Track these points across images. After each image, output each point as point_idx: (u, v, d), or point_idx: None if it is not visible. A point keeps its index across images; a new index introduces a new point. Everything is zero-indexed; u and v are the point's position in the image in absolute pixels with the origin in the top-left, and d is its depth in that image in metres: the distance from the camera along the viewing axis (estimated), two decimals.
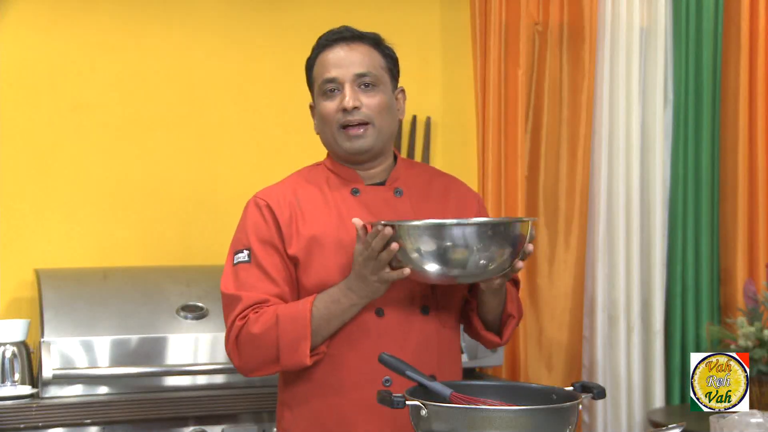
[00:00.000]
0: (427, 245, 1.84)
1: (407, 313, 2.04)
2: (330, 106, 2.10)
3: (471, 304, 2.15)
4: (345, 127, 2.08)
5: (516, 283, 2.25)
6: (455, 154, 3.74)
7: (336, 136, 2.10)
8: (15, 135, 3.25)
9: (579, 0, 3.73)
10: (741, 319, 3.43)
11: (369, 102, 2.07)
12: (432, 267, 1.85)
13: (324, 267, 2.03)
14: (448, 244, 1.83)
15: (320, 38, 2.18)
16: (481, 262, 1.85)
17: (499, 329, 2.15)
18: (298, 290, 2.06)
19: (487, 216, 2.26)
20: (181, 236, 3.40)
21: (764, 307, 3.49)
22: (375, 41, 2.15)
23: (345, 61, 2.09)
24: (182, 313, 2.97)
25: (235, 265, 2.08)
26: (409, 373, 1.80)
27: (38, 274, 3.01)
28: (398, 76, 2.18)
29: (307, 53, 3.88)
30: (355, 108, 2.06)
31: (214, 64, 3.47)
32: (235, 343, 2.02)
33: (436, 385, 1.77)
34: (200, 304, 3.01)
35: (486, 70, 3.63)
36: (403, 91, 2.19)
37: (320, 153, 3.82)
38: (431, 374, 1.93)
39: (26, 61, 3.27)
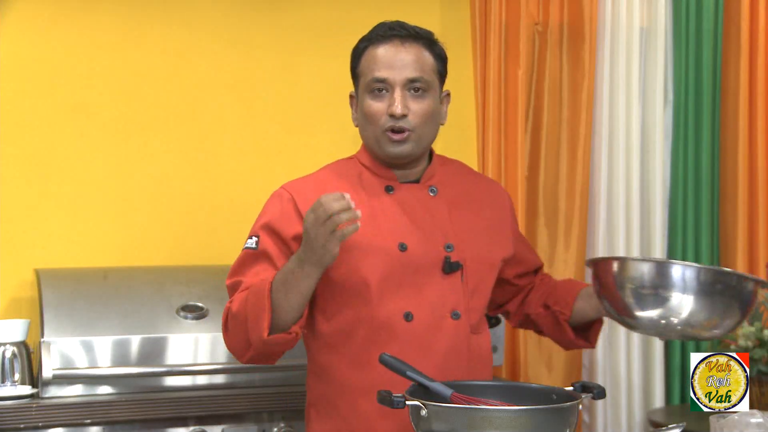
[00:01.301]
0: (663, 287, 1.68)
1: (437, 318, 2.01)
2: (377, 107, 2.07)
3: (562, 312, 2.16)
4: (390, 130, 2.05)
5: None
6: (455, 154, 3.71)
7: (379, 139, 2.07)
8: (15, 135, 3.25)
9: (579, 0, 3.73)
10: None
11: (417, 108, 2.04)
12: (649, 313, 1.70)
13: (350, 263, 2.00)
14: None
15: (373, 30, 2.14)
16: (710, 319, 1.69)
17: (587, 335, 2.16)
18: (328, 283, 2.02)
19: (515, 220, 2.28)
20: (181, 236, 3.40)
21: (764, 307, 3.49)
22: (429, 41, 2.11)
23: (397, 62, 2.05)
24: (182, 313, 2.97)
25: (243, 250, 2.08)
26: (409, 373, 1.80)
27: (38, 274, 3.01)
28: (446, 77, 2.15)
29: (307, 53, 3.87)
30: (403, 115, 2.03)
31: (214, 64, 3.47)
32: (225, 326, 2.01)
33: (437, 385, 1.77)
34: (200, 304, 3.01)
35: (486, 70, 3.63)
36: (448, 95, 2.16)
37: (321, 153, 3.83)
38: (461, 380, 1.91)
39: (26, 61, 3.27)
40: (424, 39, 2.10)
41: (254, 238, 2.07)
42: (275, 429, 2.94)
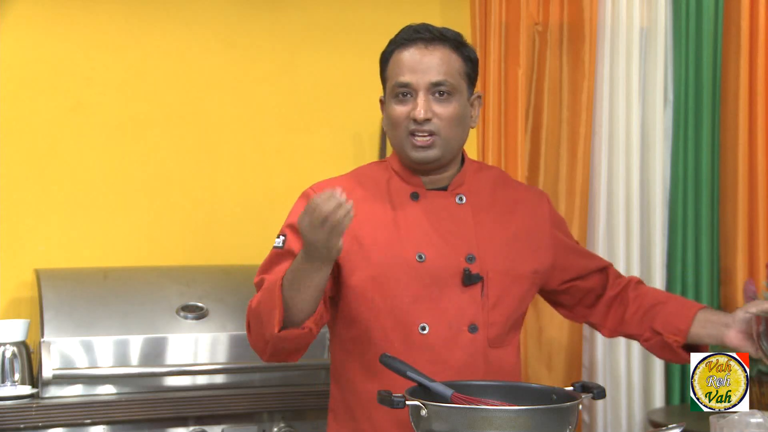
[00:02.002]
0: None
1: (453, 331, 1.99)
2: (401, 111, 2.02)
3: (677, 341, 2.12)
4: (413, 134, 2.01)
5: (617, 274, 2.27)
6: None
7: (403, 143, 2.03)
8: (15, 135, 3.25)
9: (579, 0, 3.73)
10: None
11: (441, 112, 2.00)
12: None
13: (368, 271, 1.99)
14: None
15: (398, 34, 2.09)
16: None
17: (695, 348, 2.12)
18: (346, 288, 2.01)
19: (557, 227, 2.22)
20: (181, 236, 3.40)
21: None
22: (456, 43, 2.06)
23: (421, 66, 2.00)
24: (182, 313, 2.97)
25: (272, 249, 2.06)
26: (409, 373, 1.80)
27: (38, 274, 3.01)
28: (476, 80, 2.10)
29: (307, 53, 3.87)
30: (426, 119, 1.99)
31: (214, 64, 3.47)
32: (248, 326, 2.00)
33: (438, 386, 1.77)
34: (200, 304, 3.01)
35: (486, 70, 3.63)
36: (479, 97, 2.11)
37: (321, 153, 3.83)
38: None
39: (26, 61, 3.27)
40: (451, 41, 2.04)
41: (281, 237, 2.05)
42: (275, 429, 2.94)
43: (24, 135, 3.26)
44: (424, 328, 1.98)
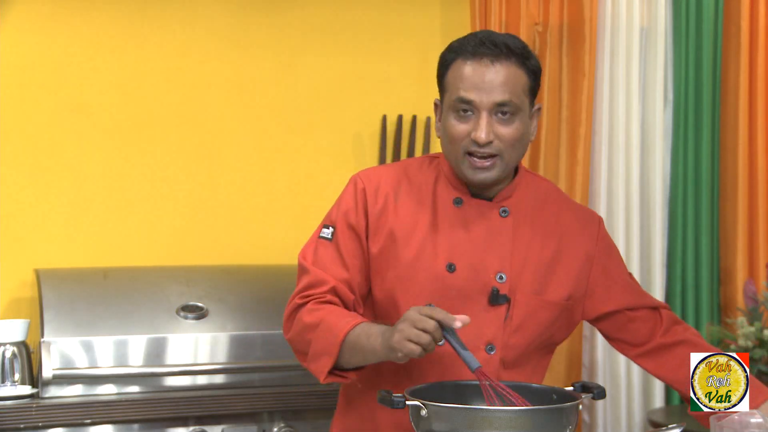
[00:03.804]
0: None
1: (470, 348, 1.86)
2: (461, 129, 1.92)
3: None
4: (471, 154, 1.92)
5: (671, 317, 2.11)
6: None
7: (459, 161, 1.94)
8: (15, 135, 3.25)
9: (579, 0, 3.73)
10: (741, 319, 3.43)
11: (504, 133, 1.91)
12: None
13: (396, 271, 1.96)
14: None
15: (463, 41, 1.96)
16: None
17: None
18: (374, 285, 1.99)
19: (606, 255, 2.09)
20: (181, 236, 3.40)
21: (764, 307, 3.49)
22: (522, 57, 1.94)
23: (486, 85, 1.89)
24: (182, 313, 2.97)
25: (319, 238, 2.01)
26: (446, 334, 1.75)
27: (38, 274, 3.01)
28: (538, 91, 1.99)
29: (308, 53, 3.86)
30: (489, 142, 1.91)
31: (214, 64, 3.47)
32: (289, 318, 1.97)
33: (468, 355, 1.73)
34: (200, 304, 3.01)
35: None
36: (539, 109, 2.01)
37: (321, 153, 3.83)
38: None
39: (26, 61, 3.27)
40: (518, 55, 1.93)
41: (330, 229, 2.01)
42: (275, 429, 2.94)
43: (24, 135, 3.26)
44: (441, 342, 1.95)
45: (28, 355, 2.89)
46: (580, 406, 1.75)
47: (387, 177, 2.03)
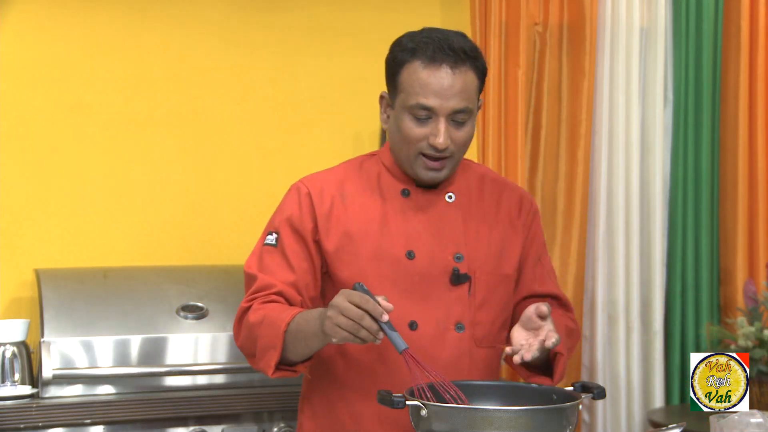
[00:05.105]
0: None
1: (441, 329, 1.98)
2: (418, 132, 1.96)
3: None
4: (425, 155, 1.98)
5: (564, 305, 2.16)
6: None
7: (412, 161, 2.00)
8: (15, 135, 3.25)
9: (579, 0, 3.73)
10: (741, 319, 3.43)
11: (458, 137, 1.97)
12: None
13: (357, 266, 1.99)
14: None
15: (420, 42, 1.97)
16: None
17: (548, 370, 2.02)
18: (333, 283, 2.01)
19: (538, 225, 2.17)
20: (181, 236, 3.40)
21: (764, 307, 3.49)
22: (474, 60, 1.98)
23: (446, 92, 1.93)
24: (182, 313, 2.97)
25: (263, 246, 2.04)
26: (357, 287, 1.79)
27: (38, 274, 3.01)
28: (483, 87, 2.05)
29: (308, 53, 3.85)
30: (445, 147, 1.96)
31: (214, 64, 3.47)
32: (237, 324, 2.01)
33: (395, 336, 1.75)
34: (200, 304, 3.01)
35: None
36: (482, 103, 2.07)
37: (321, 153, 3.83)
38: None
39: (26, 61, 3.27)
40: (471, 59, 1.97)
41: (274, 235, 2.04)
42: (275, 429, 2.94)
43: (24, 135, 3.26)
44: (413, 325, 1.97)
45: (28, 355, 2.89)
46: (580, 406, 1.75)
47: (329, 180, 2.08)
